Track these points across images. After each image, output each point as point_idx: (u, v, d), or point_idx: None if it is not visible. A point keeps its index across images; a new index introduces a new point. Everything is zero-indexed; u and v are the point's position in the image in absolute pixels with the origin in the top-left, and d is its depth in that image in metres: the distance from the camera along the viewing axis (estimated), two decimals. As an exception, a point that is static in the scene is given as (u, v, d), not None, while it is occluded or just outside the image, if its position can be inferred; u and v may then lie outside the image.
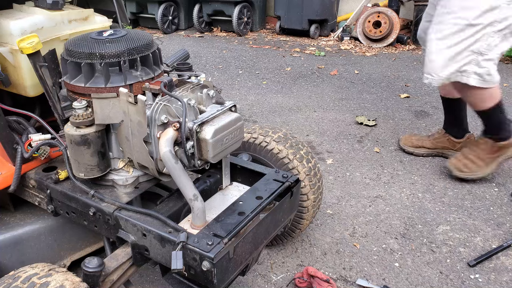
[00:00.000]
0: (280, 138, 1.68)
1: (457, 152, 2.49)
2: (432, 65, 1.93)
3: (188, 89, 1.24)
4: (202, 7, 6.31)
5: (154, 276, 1.73)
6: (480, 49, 1.88)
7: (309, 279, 1.65)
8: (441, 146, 2.60)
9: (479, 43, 1.85)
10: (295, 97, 3.80)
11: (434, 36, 1.90)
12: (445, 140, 2.58)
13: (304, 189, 1.64)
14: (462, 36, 1.84)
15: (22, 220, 1.50)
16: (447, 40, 1.86)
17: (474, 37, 1.83)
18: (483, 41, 1.85)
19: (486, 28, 1.83)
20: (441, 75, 1.93)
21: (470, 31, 1.82)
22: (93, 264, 1.09)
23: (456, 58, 1.88)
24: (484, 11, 1.79)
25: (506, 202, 2.23)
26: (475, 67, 1.93)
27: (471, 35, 1.83)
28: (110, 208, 1.23)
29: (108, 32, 1.23)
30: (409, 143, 2.70)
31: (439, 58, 1.90)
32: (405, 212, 2.17)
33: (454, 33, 1.84)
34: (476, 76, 1.97)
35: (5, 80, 1.43)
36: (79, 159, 1.22)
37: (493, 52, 1.91)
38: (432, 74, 1.95)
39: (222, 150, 1.19)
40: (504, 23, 1.84)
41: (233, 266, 1.14)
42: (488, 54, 1.90)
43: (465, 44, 1.85)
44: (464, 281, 1.72)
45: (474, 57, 1.89)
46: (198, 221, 1.17)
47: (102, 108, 1.18)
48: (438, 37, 1.87)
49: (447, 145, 2.58)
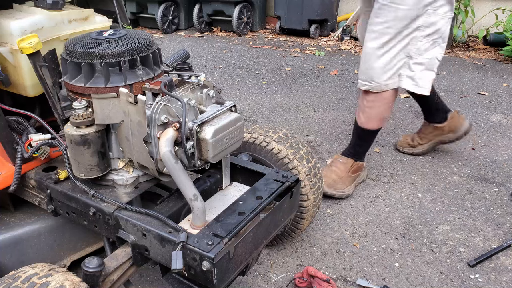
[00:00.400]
0: (280, 138, 1.68)
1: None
2: (371, 72, 1.99)
3: (188, 89, 1.24)
4: (202, 7, 6.31)
5: (154, 276, 1.73)
6: (410, 53, 1.95)
7: (309, 279, 1.65)
8: (433, 136, 2.62)
9: (409, 47, 1.94)
10: (295, 97, 3.80)
11: (370, 44, 1.97)
12: (433, 129, 2.60)
13: (304, 189, 1.64)
14: (395, 41, 1.92)
15: (22, 220, 1.50)
16: (382, 48, 1.94)
17: (405, 41, 1.92)
18: (412, 45, 1.93)
19: (414, 33, 1.91)
20: (380, 81, 1.99)
21: (402, 35, 1.91)
22: (93, 264, 1.09)
23: (391, 63, 1.96)
24: (413, 18, 1.87)
25: (506, 202, 2.23)
26: (407, 70, 2.00)
27: (402, 39, 1.91)
28: (110, 208, 1.23)
29: (108, 32, 1.23)
30: (405, 144, 2.72)
31: (376, 64, 1.97)
32: (405, 212, 2.17)
33: (389, 41, 1.92)
34: (408, 79, 2.02)
35: (5, 80, 1.43)
36: (79, 159, 1.22)
37: (423, 56, 1.96)
38: (371, 81, 2.01)
39: (222, 150, 1.19)
40: (432, 27, 1.91)
41: (233, 266, 1.14)
42: (418, 58, 1.96)
43: (398, 48, 1.93)
44: (464, 281, 1.72)
45: (406, 60, 1.97)
46: (198, 221, 1.17)
47: (102, 108, 1.18)
48: (373, 46, 1.95)
49: (438, 132, 2.59)
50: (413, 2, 1.83)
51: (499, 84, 4.06)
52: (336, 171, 2.25)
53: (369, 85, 2.03)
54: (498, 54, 5.02)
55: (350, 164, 2.27)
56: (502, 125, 3.17)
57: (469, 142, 2.91)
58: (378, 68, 1.97)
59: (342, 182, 2.23)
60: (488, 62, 4.77)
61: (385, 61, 1.95)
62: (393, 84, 2.02)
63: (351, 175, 2.27)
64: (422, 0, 1.84)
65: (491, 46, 5.31)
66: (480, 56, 5.05)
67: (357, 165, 2.29)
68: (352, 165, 2.27)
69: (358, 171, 2.30)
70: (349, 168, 2.27)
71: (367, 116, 2.15)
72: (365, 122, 2.17)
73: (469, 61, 4.86)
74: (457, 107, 3.54)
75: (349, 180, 2.26)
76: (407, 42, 1.93)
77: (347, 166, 2.27)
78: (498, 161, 2.64)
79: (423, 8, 1.86)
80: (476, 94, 3.83)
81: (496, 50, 5.16)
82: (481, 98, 3.72)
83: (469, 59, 4.94)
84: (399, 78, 2.02)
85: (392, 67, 1.96)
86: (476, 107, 3.53)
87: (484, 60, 4.89)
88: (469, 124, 2.56)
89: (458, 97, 3.76)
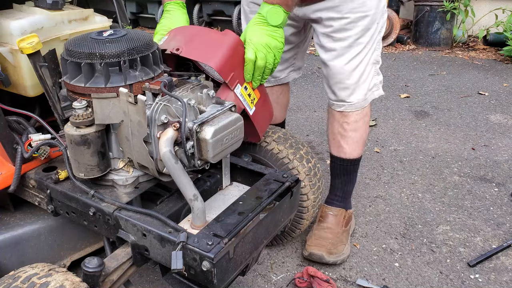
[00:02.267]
0: (280, 138, 1.68)
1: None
2: (345, 92, 1.75)
3: (188, 89, 1.24)
4: (202, 7, 6.31)
5: (154, 276, 1.73)
6: (377, 58, 1.80)
7: (309, 279, 1.65)
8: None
9: (377, 52, 1.79)
10: (295, 97, 3.80)
11: (337, 62, 1.72)
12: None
13: (304, 189, 1.64)
14: (366, 50, 1.73)
15: (22, 220, 1.50)
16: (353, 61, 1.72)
17: (373, 47, 1.75)
18: (378, 49, 1.79)
19: (379, 35, 1.76)
20: (358, 98, 1.76)
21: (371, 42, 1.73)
22: (93, 264, 1.09)
23: (364, 75, 1.75)
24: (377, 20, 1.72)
25: (506, 202, 2.23)
26: (378, 77, 1.84)
27: (371, 46, 1.74)
28: (110, 208, 1.23)
29: (108, 32, 1.23)
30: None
31: (350, 81, 1.74)
32: (405, 212, 2.17)
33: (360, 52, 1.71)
34: (380, 85, 1.86)
35: (5, 80, 1.43)
36: (79, 159, 1.22)
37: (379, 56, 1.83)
38: (347, 101, 1.76)
39: (222, 150, 1.19)
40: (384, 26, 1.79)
41: (233, 266, 1.14)
42: (380, 60, 1.83)
43: (368, 57, 1.74)
44: (464, 281, 1.72)
45: (374, 68, 1.80)
46: (198, 221, 1.17)
47: (102, 108, 1.18)
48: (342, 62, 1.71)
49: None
50: (375, 3, 1.67)
51: (499, 84, 4.06)
52: (330, 229, 1.88)
53: (347, 105, 1.77)
54: (498, 54, 5.02)
55: (343, 216, 1.92)
56: (502, 125, 3.17)
57: (469, 142, 2.92)
58: (352, 84, 1.73)
59: (339, 241, 1.84)
60: (488, 62, 4.77)
61: (358, 75, 1.73)
62: (370, 96, 1.81)
63: (345, 229, 1.91)
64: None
65: (491, 46, 5.32)
66: (480, 56, 5.06)
67: (348, 214, 1.95)
68: (345, 216, 1.93)
69: (349, 221, 1.96)
70: (342, 220, 1.92)
71: (352, 142, 1.83)
72: (351, 151, 1.85)
73: (469, 61, 4.86)
74: (457, 107, 3.54)
75: (345, 235, 1.89)
76: (375, 48, 1.77)
77: (340, 219, 1.91)
78: (498, 161, 2.64)
79: (383, 7, 1.72)
80: (476, 94, 3.84)
81: (496, 50, 5.16)
82: (481, 98, 3.72)
83: (469, 59, 4.94)
84: (374, 88, 1.82)
85: (366, 79, 1.76)
86: (476, 107, 3.53)
87: (484, 60, 4.89)
88: None
89: (458, 97, 3.76)
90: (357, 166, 1.92)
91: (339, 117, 1.81)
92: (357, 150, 1.86)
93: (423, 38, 5.51)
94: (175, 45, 1.35)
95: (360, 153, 1.88)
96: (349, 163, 1.87)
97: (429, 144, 2.90)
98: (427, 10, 5.34)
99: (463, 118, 3.31)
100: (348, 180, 1.92)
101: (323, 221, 1.92)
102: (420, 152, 2.78)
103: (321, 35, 1.73)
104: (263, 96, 1.52)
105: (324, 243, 1.81)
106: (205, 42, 1.36)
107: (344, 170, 1.89)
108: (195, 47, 1.35)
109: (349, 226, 1.94)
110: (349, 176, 1.92)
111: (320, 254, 1.76)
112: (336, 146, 1.87)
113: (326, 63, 1.75)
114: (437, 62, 4.87)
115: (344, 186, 1.93)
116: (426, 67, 4.71)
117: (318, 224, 1.92)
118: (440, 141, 2.94)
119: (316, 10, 1.67)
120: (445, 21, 5.31)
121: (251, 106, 1.45)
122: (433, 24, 5.38)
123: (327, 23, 1.68)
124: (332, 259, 1.78)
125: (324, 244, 1.81)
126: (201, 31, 1.42)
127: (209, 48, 1.34)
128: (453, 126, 3.17)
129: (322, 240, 1.82)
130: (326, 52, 1.73)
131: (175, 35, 1.40)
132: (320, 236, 1.85)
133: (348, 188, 1.94)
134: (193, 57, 1.35)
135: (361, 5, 1.63)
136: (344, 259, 1.82)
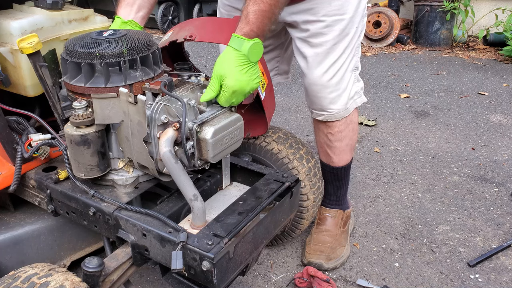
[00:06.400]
0: (280, 138, 1.68)
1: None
2: (325, 101, 1.67)
3: (188, 89, 1.24)
4: (202, 7, 6.32)
5: (154, 276, 1.73)
6: (356, 64, 1.72)
7: (309, 279, 1.65)
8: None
9: (355, 58, 1.70)
10: (295, 97, 3.80)
11: (315, 72, 1.63)
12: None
13: (304, 189, 1.64)
14: (344, 56, 1.65)
15: (22, 220, 1.50)
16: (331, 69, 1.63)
17: (352, 52, 1.67)
18: (357, 55, 1.71)
19: (358, 40, 1.69)
20: (338, 107, 1.68)
21: (350, 47, 1.65)
22: (93, 264, 1.09)
23: (343, 82, 1.66)
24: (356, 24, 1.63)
25: (506, 202, 2.23)
26: (359, 83, 1.76)
27: (350, 51, 1.66)
28: (110, 208, 1.23)
29: (108, 32, 1.23)
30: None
31: (328, 90, 1.65)
32: (405, 212, 2.17)
33: (337, 59, 1.63)
34: (362, 91, 1.77)
35: (5, 80, 1.43)
36: (79, 159, 1.22)
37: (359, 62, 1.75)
38: (327, 110, 1.68)
39: (222, 150, 1.19)
40: (363, 31, 1.71)
41: (233, 266, 1.14)
42: (359, 66, 1.75)
43: (347, 62, 1.66)
44: (464, 281, 1.72)
45: (354, 74, 1.71)
46: (198, 221, 1.17)
47: (102, 108, 1.18)
48: (320, 72, 1.62)
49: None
50: (354, 7, 1.59)
51: (499, 84, 4.07)
52: (328, 231, 1.86)
53: (327, 114, 1.69)
54: (498, 54, 5.02)
55: (340, 217, 1.91)
56: (502, 125, 3.17)
57: (469, 142, 2.92)
58: (330, 93, 1.65)
59: (338, 244, 1.83)
60: (488, 62, 4.77)
61: (337, 84, 1.65)
62: (352, 105, 1.72)
63: (344, 229, 1.90)
64: (360, 1, 1.62)
65: (491, 46, 5.32)
66: (480, 56, 5.06)
67: (346, 215, 1.93)
68: (342, 217, 1.92)
69: (348, 221, 1.94)
70: (340, 221, 1.90)
71: (339, 152, 1.79)
72: (339, 160, 1.81)
73: (469, 61, 4.87)
74: (457, 107, 3.54)
75: (344, 236, 1.88)
76: (354, 53, 1.67)
77: (337, 220, 1.89)
78: (498, 161, 2.64)
79: (363, 10, 1.64)
80: (476, 94, 3.84)
81: (496, 50, 5.17)
82: (481, 98, 3.73)
83: (469, 59, 4.95)
84: (356, 95, 1.74)
85: (346, 87, 1.66)
86: (476, 107, 3.53)
87: (484, 60, 4.89)
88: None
89: (458, 97, 3.76)
90: (348, 170, 1.88)
91: (323, 128, 1.76)
92: (345, 158, 1.82)
93: (423, 38, 5.51)
94: (186, 34, 1.39)
95: (349, 158, 1.84)
96: (339, 170, 1.85)
97: (429, 144, 2.90)
98: (427, 10, 5.34)
99: (463, 118, 3.31)
100: (340, 185, 1.90)
101: (321, 223, 1.91)
102: (420, 152, 2.78)
103: (298, 41, 1.65)
104: (270, 83, 1.52)
105: (323, 249, 1.80)
106: (216, 27, 1.40)
107: (334, 176, 1.87)
108: (207, 32, 1.39)
109: (347, 226, 1.93)
110: (341, 181, 1.89)
111: (319, 263, 1.76)
112: (324, 154, 1.84)
113: (303, 71, 1.67)
114: (437, 62, 4.88)
115: (337, 191, 1.91)
116: (426, 67, 4.71)
117: (317, 227, 1.91)
118: (440, 141, 2.94)
119: (292, 13, 1.60)
120: (445, 21, 5.31)
121: (262, 90, 1.42)
122: (433, 24, 5.39)
123: (303, 26, 1.61)
124: (331, 265, 1.77)
125: (323, 250, 1.80)
126: (211, 19, 1.48)
127: (222, 31, 1.37)
128: (453, 126, 3.17)
129: (321, 246, 1.81)
130: (303, 59, 1.65)
131: (183, 26, 1.44)
132: (319, 241, 1.84)
133: (341, 192, 1.92)
134: (207, 40, 1.39)
135: (338, 8, 1.57)
136: (343, 262, 1.81)
